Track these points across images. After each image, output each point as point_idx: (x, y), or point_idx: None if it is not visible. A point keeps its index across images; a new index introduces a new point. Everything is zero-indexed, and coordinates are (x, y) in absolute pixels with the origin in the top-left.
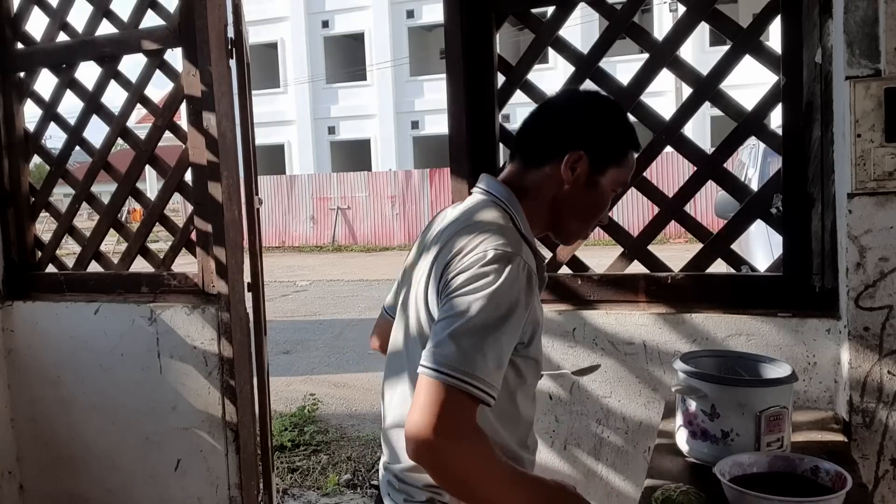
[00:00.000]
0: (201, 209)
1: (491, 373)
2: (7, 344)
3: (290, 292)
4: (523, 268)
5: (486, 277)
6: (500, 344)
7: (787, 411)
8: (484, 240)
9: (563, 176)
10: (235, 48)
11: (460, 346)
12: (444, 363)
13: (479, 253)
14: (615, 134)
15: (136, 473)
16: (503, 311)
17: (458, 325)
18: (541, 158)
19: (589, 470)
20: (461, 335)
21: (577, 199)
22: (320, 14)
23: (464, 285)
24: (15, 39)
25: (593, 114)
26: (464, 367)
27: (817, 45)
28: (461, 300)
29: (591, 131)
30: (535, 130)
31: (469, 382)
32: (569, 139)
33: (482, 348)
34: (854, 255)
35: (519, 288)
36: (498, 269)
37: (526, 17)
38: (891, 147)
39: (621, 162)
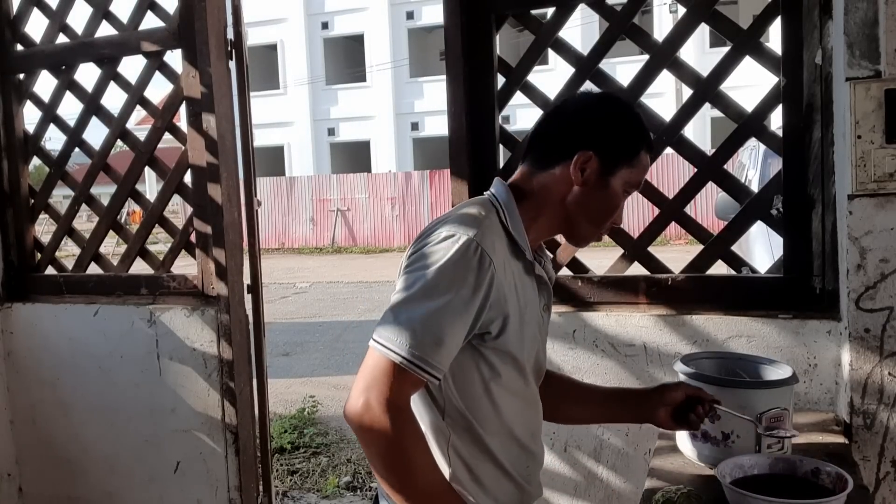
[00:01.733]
0: (201, 211)
1: (427, 347)
2: (6, 346)
3: (290, 294)
4: (475, 250)
5: (432, 256)
6: (438, 320)
7: (787, 413)
8: (442, 225)
9: (572, 177)
10: (235, 49)
11: (397, 318)
12: (381, 333)
13: (432, 236)
14: (626, 133)
15: (135, 475)
16: (443, 288)
17: (398, 299)
18: (550, 160)
19: (589, 472)
20: (398, 308)
21: (588, 200)
22: (320, 15)
23: (411, 263)
24: (14, 41)
25: (603, 113)
26: (396, 337)
27: (817, 47)
28: (406, 276)
29: (601, 131)
30: (546, 132)
31: (402, 355)
32: (578, 139)
33: (415, 321)
34: (855, 256)
35: (465, 268)
36: (444, 247)
37: (526, 19)
38: (891, 148)
39: (633, 162)
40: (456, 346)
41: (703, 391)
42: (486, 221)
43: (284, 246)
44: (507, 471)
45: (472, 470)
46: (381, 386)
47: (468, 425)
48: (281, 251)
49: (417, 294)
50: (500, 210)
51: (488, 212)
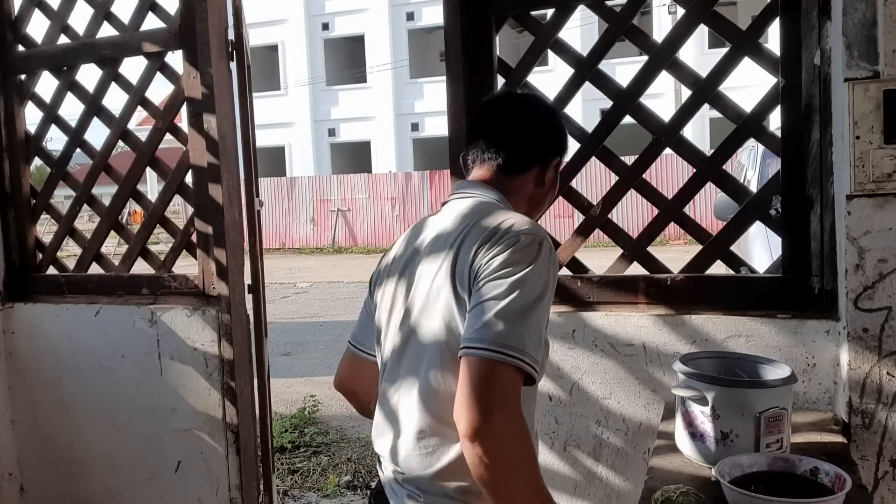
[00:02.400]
0: (202, 211)
1: (536, 350)
2: (8, 346)
3: (291, 294)
4: (550, 249)
5: (523, 260)
6: (539, 322)
7: (786, 412)
8: (511, 226)
9: (545, 179)
10: (236, 50)
11: (508, 324)
12: (495, 341)
13: (512, 237)
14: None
15: (136, 475)
16: (539, 290)
17: (501, 305)
18: (524, 165)
19: (589, 471)
20: (506, 315)
21: (545, 194)
22: (320, 16)
23: (500, 268)
24: (16, 42)
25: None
26: (514, 343)
27: (816, 47)
28: (500, 283)
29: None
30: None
31: (520, 358)
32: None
33: (528, 326)
34: (853, 256)
35: (550, 268)
36: (532, 251)
37: (525, 20)
38: (889, 149)
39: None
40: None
41: None
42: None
43: (285, 246)
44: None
45: None
46: (509, 395)
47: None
48: (281, 251)
49: (519, 299)
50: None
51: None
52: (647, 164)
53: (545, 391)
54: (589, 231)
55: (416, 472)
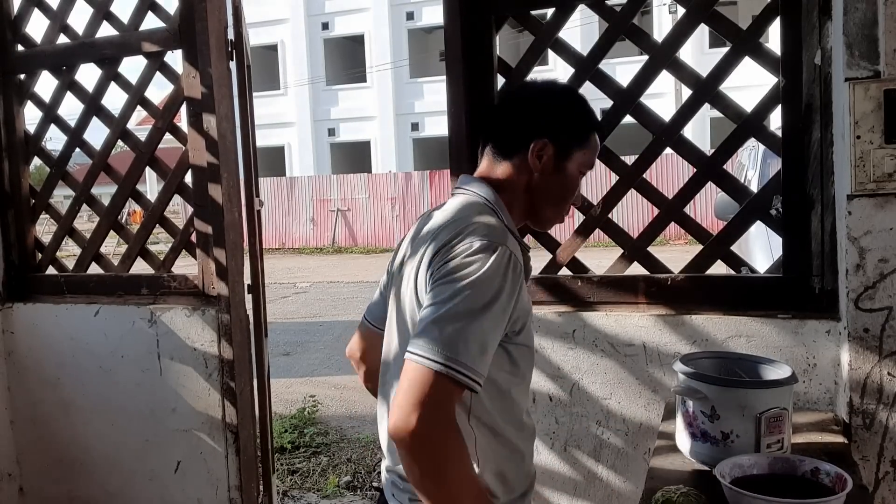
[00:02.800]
0: (201, 211)
1: (475, 358)
2: (7, 346)
3: (291, 294)
4: (508, 257)
5: (471, 266)
6: (483, 330)
7: (787, 413)
8: (470, 232)
9: (531, 165)
10: (236, 50)
11: (444, 331)
12: (428, 348)
13: (466, 244)
14: (575, 119)
15: (136, 475)
16: (487, 298)
17: (442, 311)
18: (509, 150)
19: (589, 471)
20: (444, 321)
21: (548, 185)
22: (320, 16)
23: (449, 273)
24: (15, 41)
25: (553, 102)
26: (447, 351)
27: (817, 47)
28: (445, 287)
29: (553, 119)
30: (501, 123)
31: (452, 367)
32: (533, 129)
33: (465, 334)
34: (854, 256)
35: (503, 276)
36: (483, 257)
37: (525, 19)
38: (890, 148)
39: (584, 144)
40: (493, 352)
41: None
42: (496, 224)
43: (285, 246)
44: (524, 459)
45: (498, 467)
46: (433, 401)
47: (493, 423)
48: (281, 251)
49: (461, 306)
50: (497, 210)
51: (491, 214)
52: (647, 164)
53: (545, 391)
54: (589, 231)
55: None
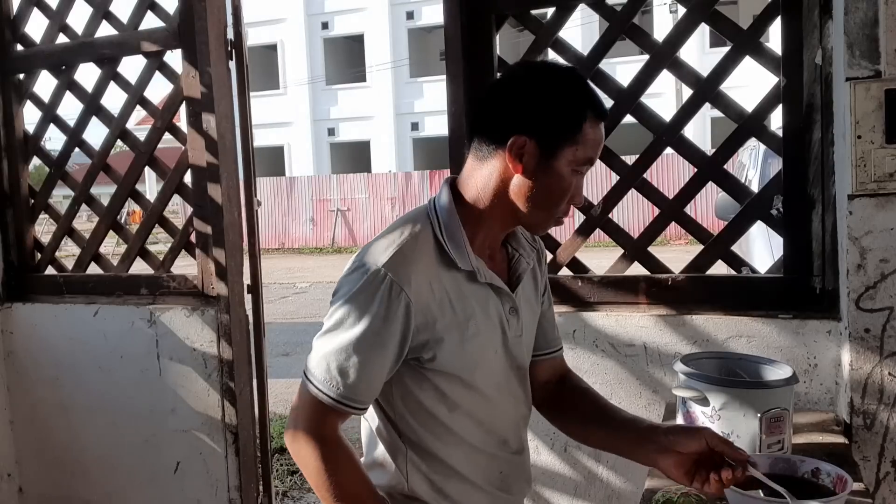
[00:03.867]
0: (201, 211)
1: (340, 382)
2: (6, 346)
3: (290, 294)
4: (382, 279)
5: (342, 288)
6: (350, 354)
7: (787, 413)
8: (360, 253)
9: (510, 164)
10: (235, 50)
11: (316, 352)
12: (307, 366)
13: (348, 267)
14: (561, 109)
15: (135, 476)
16: (352, 321)
17: (320, 332)
18: (486, 149)
19: (589, 472)
20: (318, 342)
21: (533, 188)
22: (320, 15)
23: (333, 294)
24: (14, 41)
25: (532, 90)
26: (316, 371)
27: (817, 47)
28: (329, 308)
29: (533, 111)
30: (481, 118)
31: (318, 388)
32: (510, 124)
33: (330, 357)
34: (855, 256)
35: (371, 300)
36: (353, 280)
37: (526, 19)
38: (891, 148)
39: (576, 139)
40: (377, 378)
41: (733, 446)
42: (407, 244)
43: (284, 246)
44: (475, 482)
45: (434, 484)
46: (305, 418)
47: (424, 443)
48: (281, 251)
49: (331, 328)
50: (437, 222)
51: (418, 229)
52: (647, 164)
53: None
54: (589, 231)
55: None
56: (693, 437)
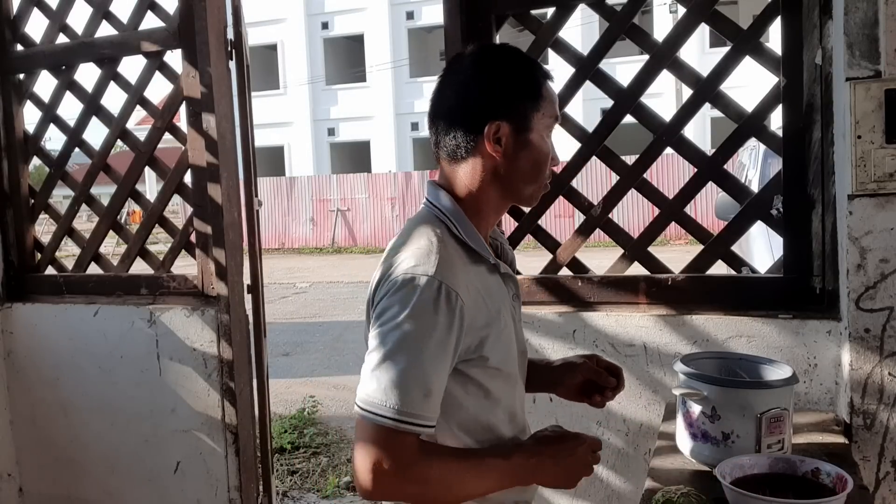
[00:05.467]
0: (201, 211)
1: (415, 403)
2: (6, 346)
3: (290, 294)
4: (438, 289)
5: (395, 307)
6: (422, 371)
7: (787, 413)
8: (398, 265)
9: (492, 153)
10: (235, 50)
11: (380, 382)
12: (368, 401)
13: (391, 282)
14: (518, 82)
15: (135, 475)
16: (419, 338)
17: (376, 360)
18: (461, 148)
19: None
20: (380, 370)
21: (518, 165)
22: (320, 15)
23: (379, 317)
24: (14, 41)
25: (487, 75)
26: (385, 401)
27: (817, 47)
28: (377, 333)
29: (495, 94)
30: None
31: (390, 417)
32: (479, 114)
33: (399, 380)
34: (855, 256)
35: (432, 310)
36: (405, 296)
37: (526, 19)
38: (891, 148)
39: (539, 104)
40: (442, 388)
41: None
42: (441, 247)
43: (284, 246)
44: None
45: None
46: (385, 456)
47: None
48: (281, 251)
49: (394, 350)
50: (450, 222)
51: (439, 232)
52: (647, 164)
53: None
54: (589, 231)
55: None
56: (573, 370)
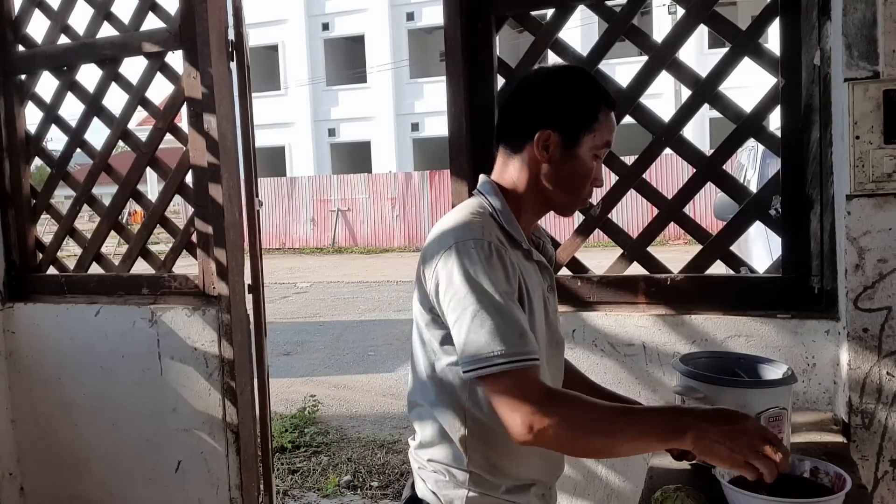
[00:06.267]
0: (202, 211)
1: (517, 342)
2: (8, 346)
3: (291, 294)
4: (486, 246)
5: (456, 273)
6: (506, 316)
7: (786, 412)
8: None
9: (538, 156)
10: (236, 50)
11: (479, 340)
12: (478, 359)
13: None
14: (578, 103)
15: (136, 475)
16: (490, 288)
17: (467, 323)
18: (516, 146)
19: (588, 471)
20: (472, 332)
21: (560, 175)
22: (320, 16)
23: (448, 289)
24: (16, 42)
25: (553, 89)
26: (494, 351)
27: (816, 48)
28: (452, 304)
29: (553, 107)
30: (507, 118)
31: (507, 361)
32: (534, 120)
33: (495, 329)
34: (853, 256)
35: (491, 266)
36: (456, 258)
37: (525, 20)
38: (889, 149)
39: (593, 127)
40: (528, 327)
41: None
42: (483, 221)
43: (285, 246)
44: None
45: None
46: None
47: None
48: (281, 251)
49: (475, 309)
50: (492, 208)
51: (481, 213)
52: (647, 164)
53: None
54: (589, 231)
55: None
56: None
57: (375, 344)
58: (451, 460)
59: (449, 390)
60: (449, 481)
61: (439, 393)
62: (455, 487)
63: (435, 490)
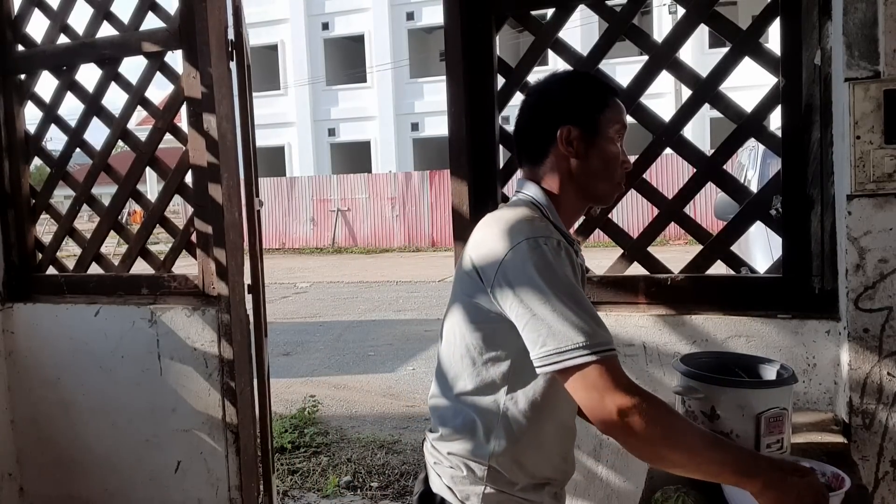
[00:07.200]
0: (202, 211)
1: (595, 333)
2: (7, 346)
3: (291, 294)
4: (554, 243)
5: (525, 271)
6: (579, 307)
7: (787, 413)
8: (514, 235)
9: (565, 153)
10: (236, 50)
11: (557, 334)
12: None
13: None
14: (588, 93)
15: (136, 475)
16: (567, 282)
17: (540, 318)
18: (540, 150)
19: (589, 472)
20: (558, 321)
21: (591, 164)
22: (320, 16)
23: (522, 283)
24: (15, 41)
25: (562, 89)
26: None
27: (816, 47)
28: (529, 296)
29: (567, 103)
30: (522, 128)
31: (589, 353)
32: (552, 121)
33: (571, 321)
34: (853, 256)
35: (555, 258)
36: (532, 252)
37: (526, 19)
38: (890, 149)
39: (606, 112)
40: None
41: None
42: (537, 219)
43: (285, 246)
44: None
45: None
46: (614, 385)
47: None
48: (281, 251)
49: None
50: (542, 208)
51: (533, 211)
52: (647, 164)
53: None
54: (589, 231)
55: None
56: None
57: (375, 344)
58: (472, 454)
59: (488, 384)
60: (466, 476)
61: (477, 386)
62: (472, 483)
63: (451, 485)
